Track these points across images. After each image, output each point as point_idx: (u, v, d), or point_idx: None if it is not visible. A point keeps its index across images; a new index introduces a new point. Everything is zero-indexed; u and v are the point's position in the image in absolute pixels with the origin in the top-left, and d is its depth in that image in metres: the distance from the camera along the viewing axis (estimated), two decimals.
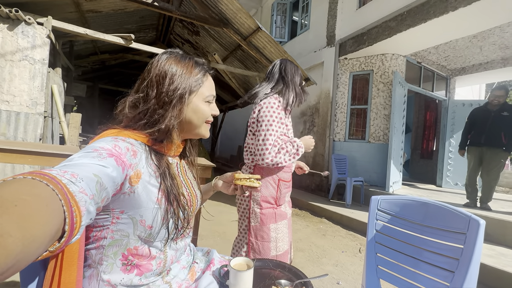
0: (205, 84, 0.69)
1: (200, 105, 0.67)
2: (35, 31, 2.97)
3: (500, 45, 4.47)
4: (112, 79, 9.52)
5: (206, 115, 0.69)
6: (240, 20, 3.82)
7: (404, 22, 3.80)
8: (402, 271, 0.99)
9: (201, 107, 0.68)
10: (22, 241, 0.26)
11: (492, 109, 3.22)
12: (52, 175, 0.36)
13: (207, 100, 0.69)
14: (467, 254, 0.81)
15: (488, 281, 2.01)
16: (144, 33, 6.44)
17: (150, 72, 0.64)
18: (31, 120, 2.96)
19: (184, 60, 0.67)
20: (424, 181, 6.18)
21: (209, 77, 0.71)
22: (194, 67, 0.67)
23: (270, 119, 1.16)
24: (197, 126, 0.69)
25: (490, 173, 3.16)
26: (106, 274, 0.58)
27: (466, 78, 5.80)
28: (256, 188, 0.82)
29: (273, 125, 1.15)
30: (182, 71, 0.64)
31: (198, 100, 0.67)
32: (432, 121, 6.62)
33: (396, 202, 1.09)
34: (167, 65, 0.64)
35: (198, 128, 0.69)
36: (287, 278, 0.75)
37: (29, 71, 2.95)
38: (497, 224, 2.61)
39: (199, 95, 0.67)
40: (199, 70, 0.67)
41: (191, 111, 0.66)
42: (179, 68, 0.64)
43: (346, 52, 4.93)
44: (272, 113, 1.16)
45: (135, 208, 0.57)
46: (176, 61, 0.65)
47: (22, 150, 1.42)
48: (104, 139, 0.56)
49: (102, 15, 4.45)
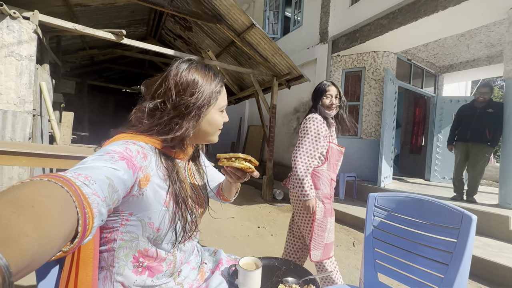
0: (222, 95, 0.70)
1: (216, 115, 0.69)
2: (21, 25, 2.85)
3: (486, 44, 4.63)
4: (101, 75, 9.26)
5: (219, 124, 0.71)
6: (234, 16, 3.78)
7: (396, 20, 3.87)
8: (399, 265, 1.04)
9: (216, 117, 0.69)
10: (38, 241, 0.27)
11: (478, 106, 3.34)
12: (66, 178, 0.37)
13: (222, 109, 0.71)
14: (460, 248, 0.86)
15: (476, 271, 2.12)
16: (135, 28, 6.28)
17: (169, 80, 0.63)
18: (19, 119, 2.86)
19: (204, 71, 0.66)
20: (413, 175, 6.37)
21: (223, 88, 0.72)
22: (213, 79, 0.67)
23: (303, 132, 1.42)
24: (211, 134, 0.70)
25: (476, 167, 3.30)
26: (119, 276, 0.60)
27: (454, 75, 5.98)
28: (253, 172, 0.68)
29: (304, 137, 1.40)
30: (203, 83, 0.64)
31: (215, 111, 0.68)
32: (421, 117, 6.80)
33: (392, 199, 1.14)
34: (188, 75, 0.63)
35: (211, 136, 0.71)
36: (294, 275, 0.78)
37: (15, 68, 2.84)
38: (482, 216, 2.74)
39: (215, 105, 0.68)
40: (218, 82, 0.68)
41: (207, 121, 0.67)
42: (200, 80, 0.64)
43: (339, 49, 4.98)
44: (306, 128, 1.42)
45: (143, 210, 0.58)
46: (197, 72, 0.65)
47: (15, 152, 1.38)
48: (116, 142, 0.57)
49: (91, 9, 4.31)
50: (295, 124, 6.17)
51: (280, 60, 4.27)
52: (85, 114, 8.03)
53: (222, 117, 0.71)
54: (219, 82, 0.69)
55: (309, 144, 1.38)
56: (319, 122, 1.39)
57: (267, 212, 3.78)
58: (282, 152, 6.61)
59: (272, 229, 3.03)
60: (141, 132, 0.62)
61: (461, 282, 0.84)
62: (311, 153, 1.37)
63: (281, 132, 6.68)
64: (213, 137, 0.72)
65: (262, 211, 3.85)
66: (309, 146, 1.38)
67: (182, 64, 0.65)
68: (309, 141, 1.38)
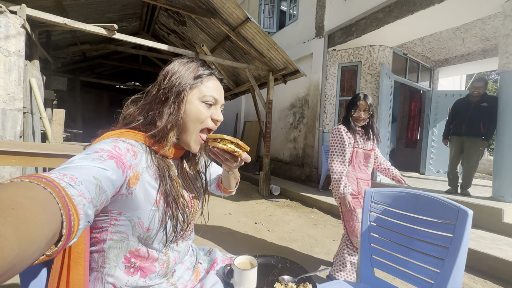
0: (207, 84, 0.65)
1: (197, 104, 0.63)
2: (7, 20, 2.76)
3: (481, 37, 4.63)
4: (94, 71, 9.08)
5: (200, 116, 0.63)
6: (229, 10, 3.72)
7: (392, 13, 3.84)
8: (395, 260, 1.04)
9: (197, 106, 0.63)
10: (18, 245, 0.26)
11: (472, 100, 3.36)
12: (50, 179, 0.35)
13: (205, 100, 0.64)
14: (456, 242, 0.86)
15: (469, 263, 2.15)
16: (127, 22, 6.14)
17: (159, 76, 0.65)
18: (9, 117, 2.79)
19: (191, 62, 0.66)
20: (408, 169, 6.43)
21: (213, 79, 0.67)
22: (197, 66, 0.66)
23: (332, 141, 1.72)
24: (191, 131, 0.64)
25: (470, 160, 3.33)
26: (110, 277, 0.58)
27: (449, 69, 6.00)
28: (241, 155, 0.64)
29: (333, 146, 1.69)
30: (183, 69, 0.64)
31: (194, 97, 0.63)
32: (416, 111, 6.84)
33: (388, 194, 1.13)
34: (172, 65, 0.65)
35: (190, 135, 0.64)
36: (290, 273, 0.77)
37: (3, 64, 2.76)
38: (476, 208, 2.78)
39: (196, 92, 0.64)
40: (203, 70, 0.66)
41: (188, 110, 0.63)
42: (181, 67, 0.64)
43: (335, 43, 4.94)
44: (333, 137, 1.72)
45: (132, 210, 0.57)
46: (183, 63, 0.65)
47: (4, 151, 1.34)
48: (105, 140, 0.55)
49: (81, 3, 4.19)
50: (292, 120, 6.15)
51: (275, 55, 4.23)
52: (78, 111, 7.90)
53: (208, 111, 0.65)
54: (206, 70, 0.66)
55: (336, 151, 1.65)
56: (341, 132, 1.65)
57: (264, 208, 3.79)
58: (278, 148, 6.61)
59: (269, 225, 3.03)
60: (125, 125, 0.62)
61: (457, 276, 0.85)
62: (341, 158, 1.64)
63: (277, 127, 6.67)
64: (192, 137, 0.64)
65: (259, 207, 3.85)
66: (337, 152, 1.65)
67: (174, 60, 0.67)
68: (336, 149, 1.66)
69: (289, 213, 3.62)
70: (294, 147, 6.03)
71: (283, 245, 2.45)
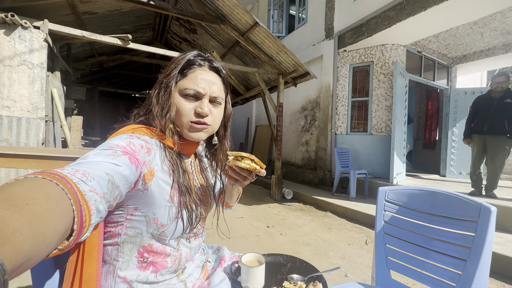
0: (190, 76, 0.62)
1: (177, 96, 0.62)
2: (32, 35, 2.95)
3: (501, 31, 4.41)
4: (111, 81, 9.50)
5: (182, 112, 0.61)
6: (237, 16, 3.78)
7: (404, 11, 3.75)
8: (412, 261, 0.98)
9: (178, 100, 0.61)
10: (32, 239, 0.26)
11: (495, 97, 3.19)
12: (62, 175, 0.36)
13: (186, 93, 0.61)
14: (479, 242, 0.80)
15: (497, 268, 2.01)
16: (141, 33, 6.40)
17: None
18: (32, 125, 2.96)
19: (184, 57, 0.65)
20: (428, 171, 6.15)
21: (198, 70, 0.63)
22: (184, 58, 0.64)
23: None
24: (180, 124, 0.63)
25: (495, 160, 3.14)
26: (122, 271, 0.59)
27: (468, 65, 5.74)
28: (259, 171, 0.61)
29: None
30: (173, 65, 0.64)
31: (175, 92, 0.62)
32: (434, 110, 6.57)
33: (403, 192, 1.08)
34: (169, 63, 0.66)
35: (183, 128, 0.63)
36: (299, 272, 0.74)
37: (28, 76, 2.94)
38: (503, 211, 2.60)
39: (179, 86, 0.62)
40: (189, 62, 0.63)
41: (175, 105, 0.62)
42: (172, 64, 0.64)
43: (345, 44, 4.88)
44: None
45: (148, 206, 0.57)
46: (177, 59, 0.65)
47: (25, 155, 1.42)
48: (120, 136, 0.56)
49: (98, 16, 4.42)
50: (303, 122, 6.09)
51: (285, 58, 4.23)
52: (96, 119, 8.25)
53: (191, 104, 0.62)
54: (192, 62, 0.63)
55: None
56: None
57: (276, 212, 3.74)
58: (290, 151, 6.55)
59: (282, 228, 2.99)
60: (141, 121, 0.64)
61: (481, 278, 0.79)
62: None
63: (289, 131, 6.62)
64: (185, 130, 0.63)
65: (271, 210, 3.81)
66: None
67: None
68: None
69: (302, 216, 3.55)
70: (306, 150, 5.95)
71: (296, 249, 2.40)
